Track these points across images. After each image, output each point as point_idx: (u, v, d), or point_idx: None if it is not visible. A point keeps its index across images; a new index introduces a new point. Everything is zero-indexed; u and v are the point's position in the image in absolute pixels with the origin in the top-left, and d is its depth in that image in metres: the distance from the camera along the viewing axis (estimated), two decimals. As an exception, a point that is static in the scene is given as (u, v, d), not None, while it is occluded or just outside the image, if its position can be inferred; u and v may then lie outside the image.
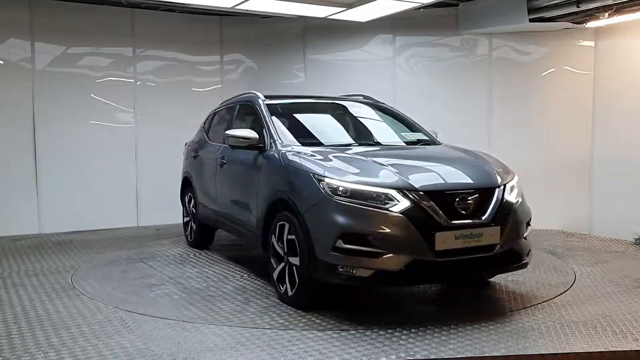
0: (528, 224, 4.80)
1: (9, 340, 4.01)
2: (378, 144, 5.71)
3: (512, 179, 4.85)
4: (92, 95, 8.63)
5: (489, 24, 8.27)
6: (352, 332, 4.12)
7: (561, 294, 5.12)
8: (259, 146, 5.44)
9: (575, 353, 3.77)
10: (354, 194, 4.31)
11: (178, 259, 6.68)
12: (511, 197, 4.63)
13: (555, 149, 8.36)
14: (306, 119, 6.09)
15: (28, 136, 8.25)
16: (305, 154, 4.95)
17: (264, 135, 5.48)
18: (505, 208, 4.51)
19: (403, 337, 4.03)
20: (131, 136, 8.90)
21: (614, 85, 7.98)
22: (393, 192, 4.27)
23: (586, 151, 8.27)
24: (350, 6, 7.36)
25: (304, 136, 5.54)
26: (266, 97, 6.07)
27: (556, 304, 4.81)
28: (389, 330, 4.14)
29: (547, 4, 7.32)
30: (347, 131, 6.01)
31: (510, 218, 4.51)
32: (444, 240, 4.22)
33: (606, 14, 7.18)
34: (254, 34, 9.63)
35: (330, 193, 4.37)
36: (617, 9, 7.08)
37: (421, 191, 4.28)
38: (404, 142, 5.83)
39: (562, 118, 8.36)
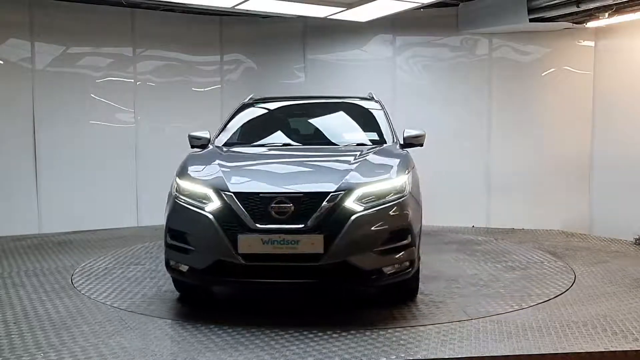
0: (400, 236, 4.35)
1: (9, 340, 4.01)
2: (298, 145, 5.62)
3: (373, 184, 4.38)
4: (92, 95, 8.62)
5: (489, 24, 8.27)
6: (352, 332, 4.12)
7: (561, 294, 5.12)
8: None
9: (575, 353, 3.77)
10: (187, 193, 4.53)
11: None
12: (354, 204, 4.24)
13: (555, 149, 8.35)
14: (266, 121, 6.19)
15: (28, 136, 8.24)
16: (194, 154, 5.25)
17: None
18: (338, 216, 4.19)
19: (403, 337, 4.03)
20: (131, 136, 8.89)
21: (614, 85, 7.97)
22: (210, 192, 4.39)
23: (586, 151, 8.27)
24: (350, 6, 7.36)
25: (243, 137, 5.76)
26: (255, 100, 6.29)
27: (556, 304, 4.81)
28: (389, 330, 4.14)
29: (547, 4, 7.32)
30: (288, 132, 5.93)
31: (345, 227, 4.16)
32: (249, 244, 4.19)
33: (606, 14, 7.17)
34: (254, 34, 9.62)
35: (175, 191, 4.64)
36: (617, 9, 7.08)
37: (232, 192, 4.31)
38: (341, 143, 5.56)
39: (562, 118, 8.36)
